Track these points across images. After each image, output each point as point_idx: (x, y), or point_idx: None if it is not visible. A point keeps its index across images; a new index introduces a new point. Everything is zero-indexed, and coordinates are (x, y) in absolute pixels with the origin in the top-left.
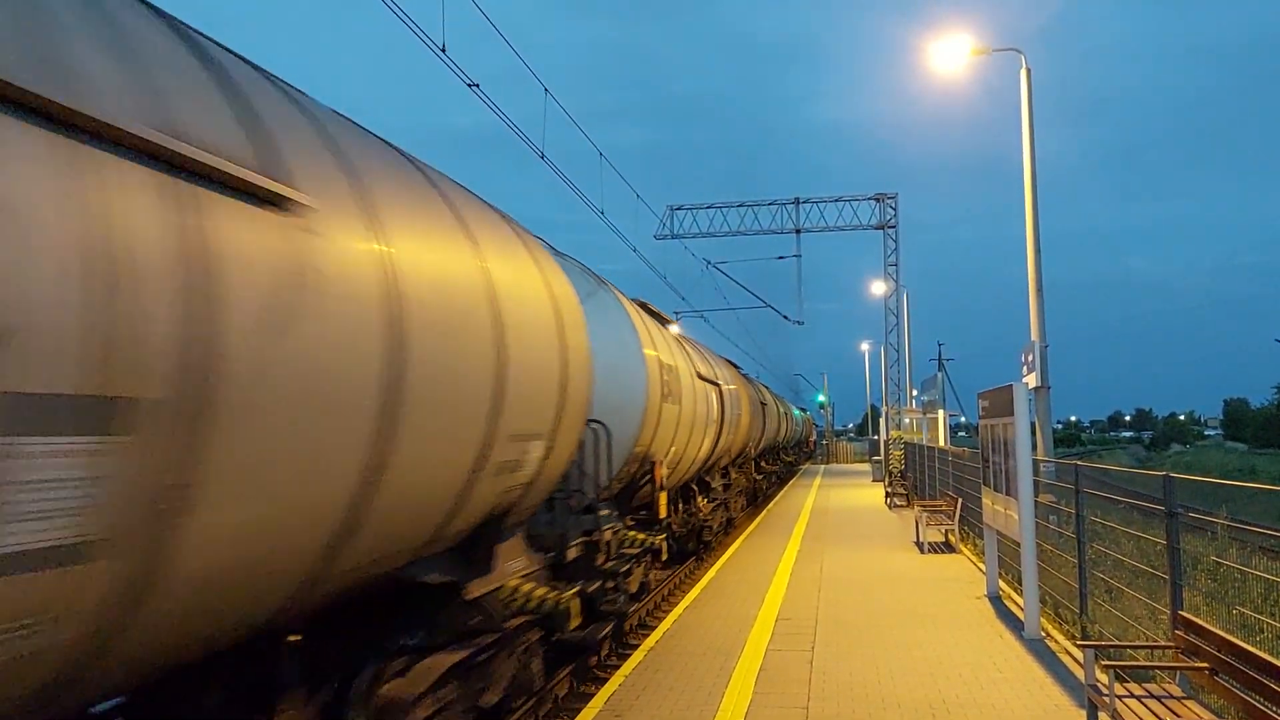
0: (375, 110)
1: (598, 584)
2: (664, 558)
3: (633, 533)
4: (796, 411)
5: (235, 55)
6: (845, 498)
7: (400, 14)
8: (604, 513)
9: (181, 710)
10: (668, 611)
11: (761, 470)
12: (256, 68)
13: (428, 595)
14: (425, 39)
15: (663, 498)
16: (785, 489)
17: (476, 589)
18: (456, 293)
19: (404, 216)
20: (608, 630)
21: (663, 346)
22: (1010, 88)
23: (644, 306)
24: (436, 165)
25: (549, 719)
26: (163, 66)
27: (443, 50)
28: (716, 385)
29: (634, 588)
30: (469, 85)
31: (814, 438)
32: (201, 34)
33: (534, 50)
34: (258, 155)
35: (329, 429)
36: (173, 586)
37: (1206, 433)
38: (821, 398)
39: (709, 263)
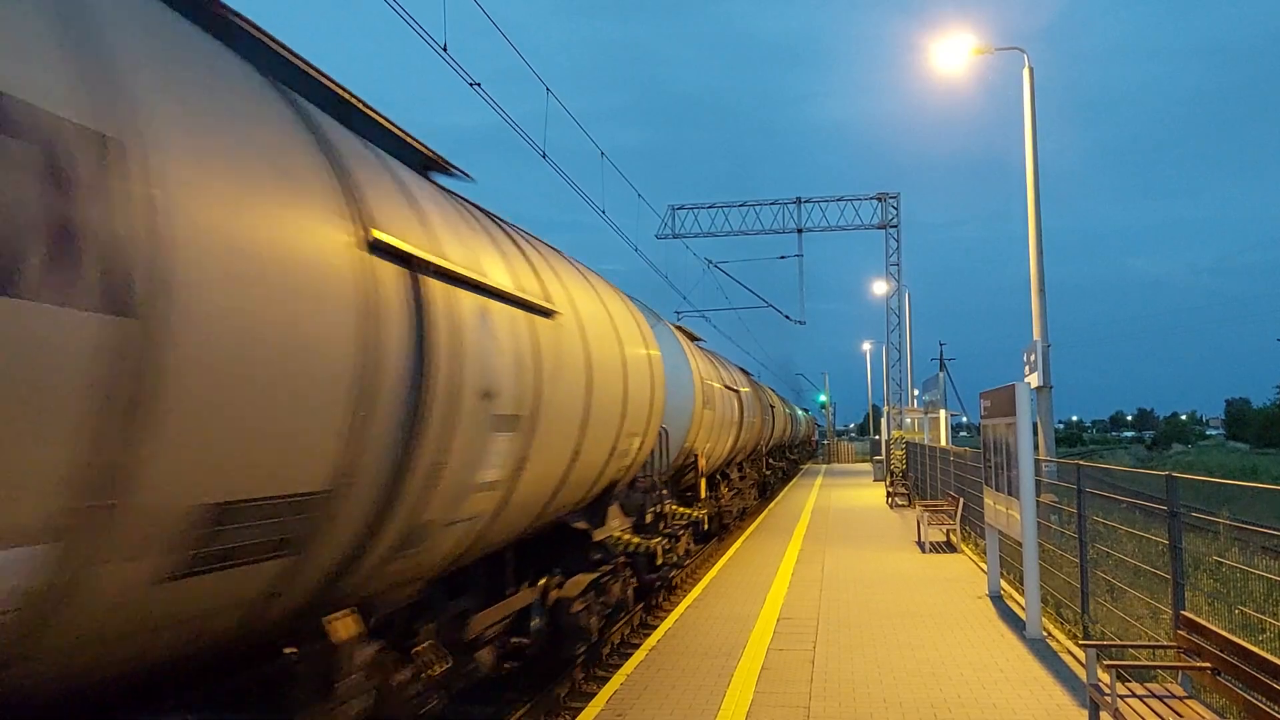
0: (377, 107)
1: (664, 541)
2: (705, 528)
3: (681, 509)
4: (800, 412)
5: (523, 231)
6: (846, 498)
7: (401, 12)
8: (664, 492)
9: (465, 588)
10: (669, 611)
11: (770, 466)
12: (529, 235)
13: (573, 536)
14: (426, 38)
15: (703, 482)
16: (787, 488)
17: (599, 534)
18: (605, 345)
19: (583, 303)
20: (672, 575)
21: (702, 363)
22: (1012, 87)
23: (683, 330)
24: None
25: (614, 655)
26: (514, 258)
27: (444, 49)
28: (737, 392)
29: (682, 550)
30: (471, 84)
31: (815, 437)
32: (506, 221)
33: (535, 49)
34: (544, 293)
35: (565, 431)
36: (512, 505)
37: (1208, 433)
38: (823, 397)
39: (710, 262)
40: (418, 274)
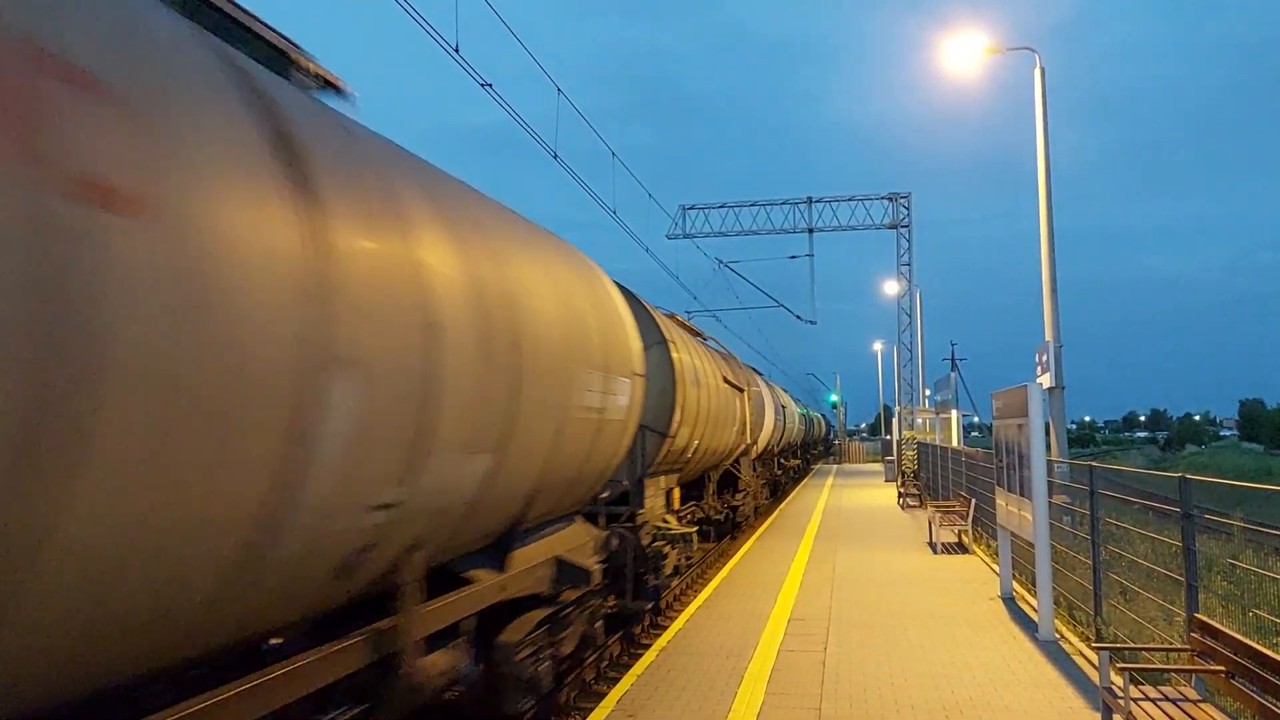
0: (389, 108)
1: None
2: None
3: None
4: (813, 413)
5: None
6: (858, 498)
7: (413, 13)
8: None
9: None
10: (680, 611)
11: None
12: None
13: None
14: (438, 39)
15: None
16: (799, 488)
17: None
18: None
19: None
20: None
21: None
22: (1025, 85)
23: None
24: (449, 164)
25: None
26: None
27: (456, 50)
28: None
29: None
30: (482, 85)
31: (831, 437)
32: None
33: (546, 49)
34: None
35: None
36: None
37: (1222, 433)
38: (834, 397)
39: (721, 262)
40: None
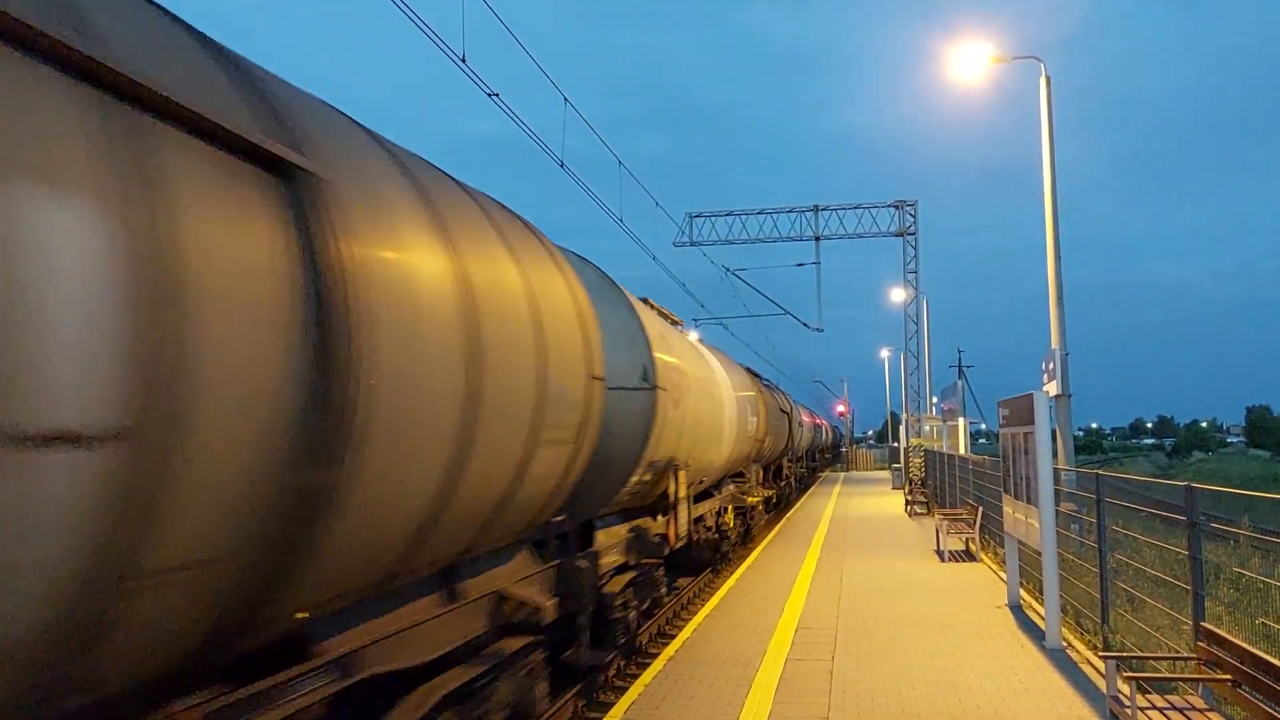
0: (397, 117)
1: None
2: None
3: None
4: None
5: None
6: (865, 505)
7: (420, 24)
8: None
9: None
10: (687, 620)
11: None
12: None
13: None
14: (445, 49)
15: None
16: (805, 497)
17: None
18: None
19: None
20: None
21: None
22: (1031, 94)
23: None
24: (457, 173)
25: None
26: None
27: (463, 60)
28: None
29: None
30: (489, 95)
31: (842, 446)
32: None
33: (553, 58)
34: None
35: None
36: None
37: (1229, 440)
38: (841, 406)
39: (728, 270)
40: None
